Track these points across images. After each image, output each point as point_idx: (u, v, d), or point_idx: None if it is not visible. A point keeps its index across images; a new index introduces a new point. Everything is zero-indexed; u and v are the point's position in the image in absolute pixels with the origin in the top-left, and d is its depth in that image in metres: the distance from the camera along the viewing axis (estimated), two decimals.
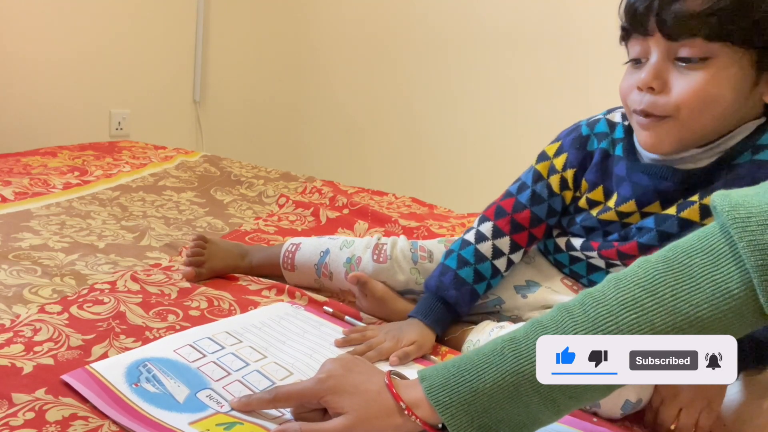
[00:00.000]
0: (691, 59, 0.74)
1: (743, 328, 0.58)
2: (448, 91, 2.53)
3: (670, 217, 0.83)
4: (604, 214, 0.88)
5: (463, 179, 2.52)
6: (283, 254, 1.10)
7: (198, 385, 0.71)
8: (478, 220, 0.98)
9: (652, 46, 0.77)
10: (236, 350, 0.80)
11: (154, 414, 0.65)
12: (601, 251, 0.89)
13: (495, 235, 0.95)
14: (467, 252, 0.95)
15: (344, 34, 2.77)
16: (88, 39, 2.28)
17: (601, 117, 0.91)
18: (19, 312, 0.86)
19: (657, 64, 0.76)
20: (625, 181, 0.86)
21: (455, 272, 0.94)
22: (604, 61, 2.13)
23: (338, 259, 1.06)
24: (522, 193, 0.95)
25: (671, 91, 0.76)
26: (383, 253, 1.03)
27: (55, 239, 1.16)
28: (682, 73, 0.75)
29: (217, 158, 1.92)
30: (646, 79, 0.76)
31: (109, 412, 0.65)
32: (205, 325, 0.86)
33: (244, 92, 2.87)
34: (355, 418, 0.63)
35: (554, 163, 0.93)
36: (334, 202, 1.60)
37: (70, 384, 0.69)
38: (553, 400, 0.60)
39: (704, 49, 0.73)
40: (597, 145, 0.90)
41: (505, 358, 0.60)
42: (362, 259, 1.03)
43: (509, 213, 0.95)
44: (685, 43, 0.74)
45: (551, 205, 0.94)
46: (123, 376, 0.71)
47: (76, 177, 1.58)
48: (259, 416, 0.67)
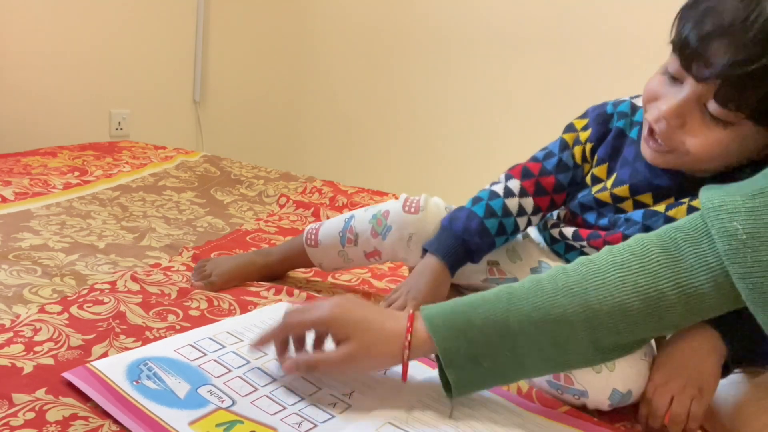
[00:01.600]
0: (719, 118, 0.73)
1: (721, 301, 0.65)
2: (448, 91, 2.53)
3: (658, 214, 0.85)
4: (600, 194, 0.90)
5: (463, 179, 2.52)
6: (306, 233, 1.09)
7: (199, 381, 0.72)
8: (504, 176, 0.99)
9: (689, 83, 0.75)
10: (237, 349, 0.80)
11: (154, 410, 0.66)
12: (590, 241, 0.91)
13: (521, 194, 0.96)
14: (496, 204, 0.95)
15: (344, 34, 2.77)
16: (88, 39, 2.28)
17: (627, 99, 0.94)
18: (19, 312, 0.86)
19: (684, 103, 0.75)
20: (628, 165, 0.88)
21: (482, 220, 0.94)
22: (604, 62, 2.13)
23: (363, 219, 1.03)
24: (548, 160, 0.97)
25: (687, 135, 0.76)
26: (415, 204, 1.00)
27: (55, 239, 1.16)
28: (705, 124, 0.75)
29: (217, 158, 1.92)
30: (668, 114, 0.76)
31: (110, 409, 0.65)
32: (206, 326, 0.86)
33: (244, 92, 2.87)
34: (357, 345, 0.68)
35: (579, 135, 0.95)
36: (334, 202, 1.60)
37: (71, 381, 0.69)
38: (537, 342, 0.66)
39: (735, 117, 0.73)
40: (616, 123, 0.92)
41: (500, 298, 0.68)
42: (390, 212, 1.01)
43: (535, 175, 0.97)
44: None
45: (575, 174, 0.96)
46: (124, 374, 0.71)
47: (76, 177, 1.58)
48: (261, 413, 0.68)
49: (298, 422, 0.67)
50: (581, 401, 0.78)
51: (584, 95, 2.17)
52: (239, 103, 2.86)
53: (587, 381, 0.77)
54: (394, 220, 1.00)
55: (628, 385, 0.77)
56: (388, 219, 1.01)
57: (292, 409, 0.69)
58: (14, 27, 2.06)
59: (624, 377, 0.76)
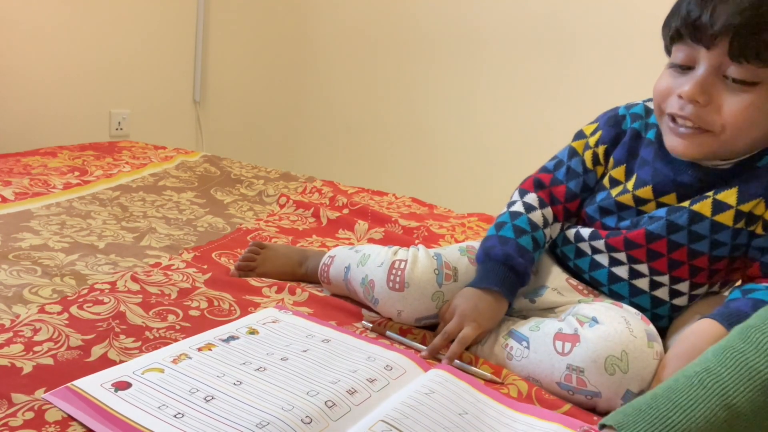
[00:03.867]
0: (744, 81, 0.74)
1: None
2: (447, 91, 2.53)
3: (682, 209, 0.84)
4: (621, 196, 0.89)
5: (463, 179, 2.52)
6: (320, 268, 1.06)
7: (182, 388, 0.71)
8: (518, 193, 0.99)
9: (702, 57, 0.75)
10: (220, 357, 0.79)
11: (139, 421, 0.65)
12: (608, 239, 0.89)
13: (541, 205, 0.96)
14: (521, 221, 0.94)
15: (344, 34, 2.77)
16: (88, 39, 2.27)
17: (640, 102, 0.93)
18: (19, 312, 0.86)
19: (704, 78, 0.76)
20: (648, 165, 0.88)
21: (516, 241, 0.92)
22: (605, 62, 2.13)
23: (356, 278, 0.98)
24: (558, 170, 0.97)
25: (720, 108, 0.76)
26: (399, 277, 0.91)
27: (55, 239, 1.16)
28: (732, 92, 0.75)
29: (217, 158, 1.92)
30: (692, 92, 0.76)
31: (96, 427, 0.64)
32: (190, 338, 0.85)
33: (244, 92, 2.87)
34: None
35: (589, 141, 0.95)
36: (334, 202, 1.59)
37: (54, 403, 0.67)
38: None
39: (758, 74, 0.73)
40: (630, 125, 0.91)
41: (711, 391, 0.53)
42: (375, 283, 0.93)
43: (547, 186, 0.97)
44: (740, 65, 0.73)
45: (586, 180, 0.95)
46: (104, 389, 0.70)
47: (76, 177, 1.58)
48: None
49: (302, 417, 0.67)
50: (593, 401, 0.78)
51: (585, 97, 2.18)
52: (239, 103, 2.86)
53: (601, 383, 0.77)
54: (381, 294, 0.93)
55: (642, 385, 0.77)
56: (374, 290, 0.94)
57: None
58: (14, 27, 2.06)
59: (638, 378, 0.76)
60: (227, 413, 0.67)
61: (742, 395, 0.51)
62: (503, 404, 0.77)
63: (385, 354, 0.84)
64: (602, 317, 0.80)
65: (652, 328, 0.80)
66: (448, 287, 0.92)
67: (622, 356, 0.76)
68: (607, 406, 0.78)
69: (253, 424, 0.65)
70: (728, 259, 0.86)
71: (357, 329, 0.95)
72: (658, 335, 0.80)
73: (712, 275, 0.87)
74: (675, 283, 0.88)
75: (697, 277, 0.87)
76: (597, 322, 0.80)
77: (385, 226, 1.45)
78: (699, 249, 0.84)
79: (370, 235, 1.39)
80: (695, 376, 0.54)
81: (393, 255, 0.94)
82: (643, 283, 0.88)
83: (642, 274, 0.88)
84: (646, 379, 0.77)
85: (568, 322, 0.83)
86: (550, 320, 0.86)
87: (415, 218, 1.52)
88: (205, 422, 0.65)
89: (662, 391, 0.55)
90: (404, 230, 1.42)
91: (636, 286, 0.89)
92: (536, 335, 0.84)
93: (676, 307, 0.89)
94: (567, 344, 0.80)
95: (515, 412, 0.75)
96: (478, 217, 1.55)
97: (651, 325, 0.81)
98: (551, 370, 0.81)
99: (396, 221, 1.46)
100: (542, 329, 0.85)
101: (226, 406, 0.68)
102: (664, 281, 0.88)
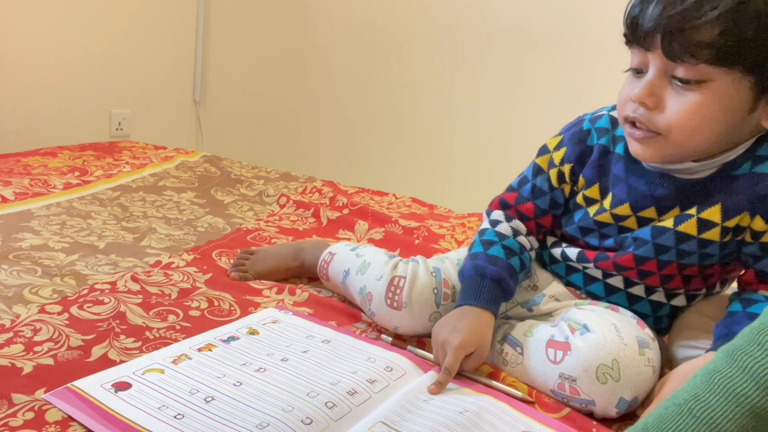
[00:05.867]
0: (689, 81, 0.73)
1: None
2: (448, 91, 2.53)
3: (667, 230, 0.82)
4: (599, 215, 0.87)
5: (463, 179, 2.52)
6: (320, 264, 1.07)
7: (182, 389, 0.71)
8: (485, 214, 0.98)
9: (651, 60, 0.75)
10: (220, 358, 0.80)
11: (139, 421, 0.65)
12: (597, 263, 0.88)
13: (508, 219, 0.94)
14: (488, 235, 0.93)
15: (344, 34, 2.77)
16: (88, 39, 2.27)
17: (605, 113, 0.90)
18: (19, 312, 0.86)
19: (652, 81, 0.75)
20: (622, 182, 0.85)
21: (485, 253, 0.90)
22: (605, 60, 2.13)
23: (354, 286, 0.98)
24: (523, 187, 0.95)
25: (665, 109, 0.75)
26: (398, 296, 0.91)
27: (55, 239, 1.16)
28: (678, 93, 0.74)
29: (217, 158, 1.92)
30: (640, 95, 0.76)
31: (96, 428, 0.64)
32: (190, 339, 0.85)
33: (244, 92, 2.87)
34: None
35: (553, 157, 0.92)
36: (334, 202, 1.59)
37: (53, 403, 0.67)
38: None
39: (703, 72, 0.72)
40: (597, 141, 0.88)
41: (700, 420, 0.53)
42: (373, 297, 0.93)
43: (513, 205, 0.95)
44: (684, 65, 0.72)
45: (553, 197, 0.93)
46: (104, 389, 0.70)
47: (76, 177, 1.58)
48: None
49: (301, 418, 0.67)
50: (588, 409, 0.78)
51: (585, 95, 2.18)
52: (239, 103, 2.86)
53: (593, 391, 0.76)
54: (378, 309, 0.93)
55: (634, 392, 0.76)
56: (371, 303, 0.94)
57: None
58: (15, 27, 2.06)
59: (630, 385, 0.76)
60: (227, 414, 0.67)
61: (731, 422, 0.51)
62: (505, 402, 0.77)
63: (385, 355, 0.84)
64: (593, 324, 0.79)
65: (644, 335, 0.80)
66: (446, 307, 0.92)
67: (613, 365, 0.75)
68: (603, 414, 0.78)
69: (254, 425, 0.65)
70: (720, 265, 0.86)
71: (357, 330, 0.95)
72: (651, 341, 0.79)
73: (706, 279, 0.87)
74: (670, 292, 0.88)
75: (691, 284, 0.87)
76: (588, 330, 0.79)
77: (385, 226, 1.45)
78: (689, 262, 0.83)
79: (370, 235, 1.39)
80: (684, 404, 0.54)
81: (392, 270, 0.94)
82: (639, 290, 0.88)
83: (636, 283, 0.88)
84: (638, 387, 0.76)
85: (560, 329, 0.82)
86: (544, 325, 0.86)
87: (416, 218, 1.52)
88: (205, 423, 0.65)
89: (653, 421, 0.55)
90: (404, 230, 1.42)
91: (633, 294, 0.88)
92: (529, 341, 0.84)
93: (677, 308, 0.89)
94: (559, 353, 0.80)
95: (516, 412, 0.75)
96: (478, 217, 1.55)
97: (645, 330, 0.81)
98: (545, 377, 0.81)
99: (396, 221, 1.46)
100: (535, 335, 0.84)
101: (227, 407, 0.68)
102: (659, 290, 0.88)
